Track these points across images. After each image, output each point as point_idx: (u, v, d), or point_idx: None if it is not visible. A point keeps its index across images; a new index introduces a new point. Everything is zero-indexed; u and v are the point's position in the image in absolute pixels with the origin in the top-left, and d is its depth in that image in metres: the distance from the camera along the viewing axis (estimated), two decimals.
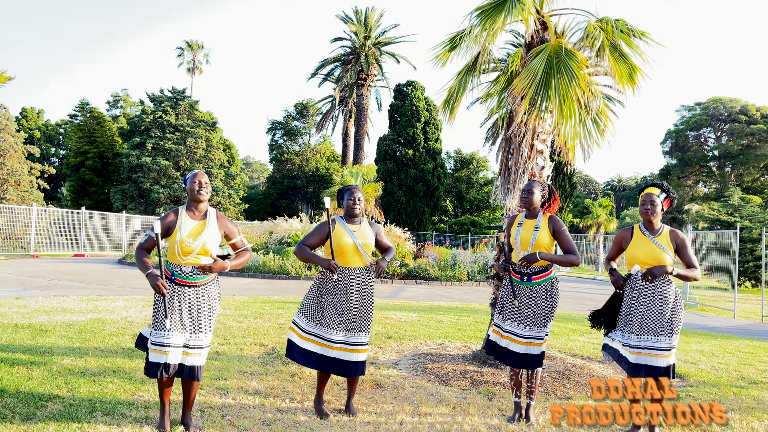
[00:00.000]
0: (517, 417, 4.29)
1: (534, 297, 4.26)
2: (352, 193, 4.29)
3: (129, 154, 33.25)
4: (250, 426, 3.89)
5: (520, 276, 4.29)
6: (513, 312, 4.32)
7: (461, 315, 9.97)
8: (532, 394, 4.35)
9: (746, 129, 43.88)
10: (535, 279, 4.26)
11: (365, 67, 40.07)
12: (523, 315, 4.29)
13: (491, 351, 4.46)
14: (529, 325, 4.27)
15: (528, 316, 4.27)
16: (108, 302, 9.26)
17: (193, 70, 56.68)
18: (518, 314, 4.30)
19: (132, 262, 19.42)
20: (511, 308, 4.33)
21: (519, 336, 4.28)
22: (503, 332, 4.37)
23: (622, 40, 5.40)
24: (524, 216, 4.44)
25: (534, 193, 4.37)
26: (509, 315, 4.34)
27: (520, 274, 4.30)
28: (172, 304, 3.63)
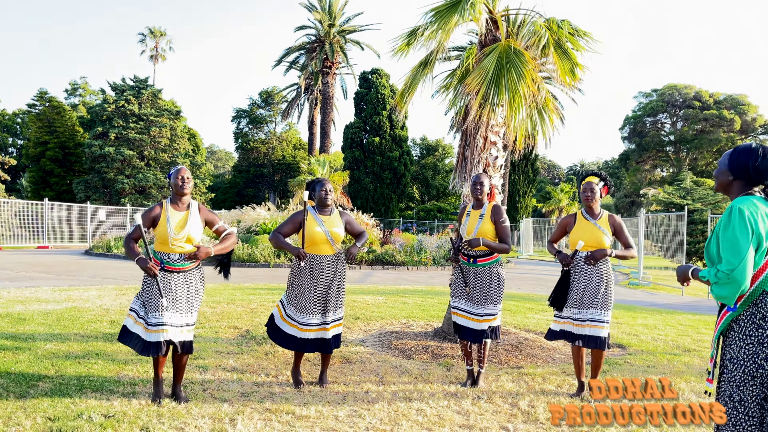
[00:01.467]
0: (469, 383, 4.80)
1: (481, 278, 4.77)
2: (324, 185, 4.68)
3: (91, 144, 32.77)
4: (230, 397, 4.27)
5: (468, 258, 4.77)
6: (464, 292, 4.80)
7: (425, 297, 10.46)
8: (482, 363, 4.87)
9: (700, 115, 45.48)
10: (480, 261, 4.75)
11: (330, 55, 40.13)
12: (475, 295, 4.77)
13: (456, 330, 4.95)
14: (482, 303, 4.76)
15: (480, 295, 4.77)
16: (81, 292, 9.45)
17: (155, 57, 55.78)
18: (470, 295, 4.78)
19: (99, 252, 19.41)
20: (461, 289, 4.82)
21: (474, 314, 4.78)
22: (461, 312, 4.85)
23: (567, 39, 5.88)
24: (472, 206, 4.91)
25: (485, 185, 4.83)
26: (461, 295, 4.83)
27: (468, 257, 4.78)
28: (167, 287, 3.98)
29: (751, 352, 2.39)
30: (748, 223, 2.38)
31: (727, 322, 2.51)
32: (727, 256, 2.38)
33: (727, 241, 2.40)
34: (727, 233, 2.41)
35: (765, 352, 2.37)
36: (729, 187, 2.60)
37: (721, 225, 2.46)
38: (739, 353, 2.43)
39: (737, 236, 2.38)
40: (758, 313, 2.43)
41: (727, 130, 45.07)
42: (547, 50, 5.88)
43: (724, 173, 2.60)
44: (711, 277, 2.43)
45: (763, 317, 2.41)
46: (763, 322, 2.41)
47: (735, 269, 2.35)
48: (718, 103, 46.08)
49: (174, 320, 3.99)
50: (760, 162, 2.50)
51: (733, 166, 2.56)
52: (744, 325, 2.45)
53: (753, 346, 2.40)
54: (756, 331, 2.41)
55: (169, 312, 3.97)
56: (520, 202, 40.76)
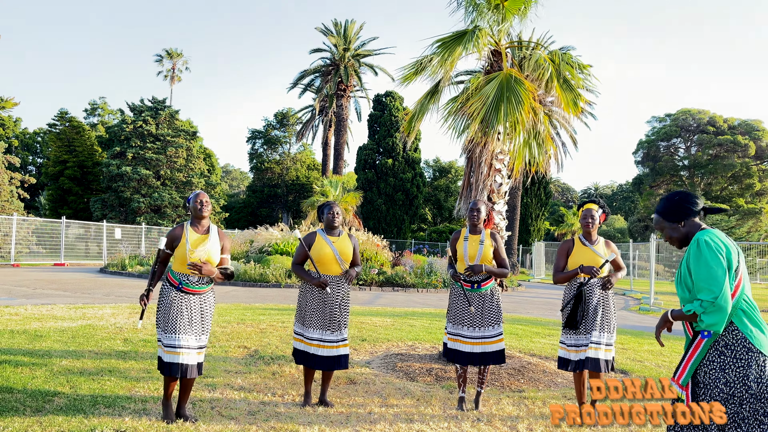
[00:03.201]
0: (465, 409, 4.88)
1: (483, 301, 4.89)
2: (332, 209, 4.89)
3: (109, 163, 33.41)
4: (237, 416, 4.42)
5: (471, 285, 4.90)
6: (467, 317, 4.91)
7: (433, 320, 10.56)
8: (482, 384, 4.98)
9: (714, 140, 45.34)
10: (483, 285, 4.89)
11: (345, 78, 40.73)
12: (477, 319, 4.89)
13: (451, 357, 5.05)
14: (482, 326, 4.88)
15: (482, 318, 4.89)
16: (95, 310, 9.67)
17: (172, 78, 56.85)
18: (473, 319, 4.90)
19: (114, 270, 19.72)
20: (464, 314, 4.92)
21: (471, 338, 4.89)
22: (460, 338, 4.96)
23: (568, 72, 6.07)
24: (468, 231, 5.05)
25: (482, 212, 4.99)
26: (462, 321, 4.93)
27: (470, 283, 4.91)
28: (181, 310, 4.15)
29: (714, 377, 2.56)
30: (716, 251, 2.57)
31: (707, 348, 2.63)
32: (708, 286, 2.54)
33: (704, 273, 2.56)
34: (700, 265, 2.58)
35: (725, 377, 2.53)
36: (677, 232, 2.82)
37: (691, 258, 2.63)
38: (705, 378, 2.60)
39: (711, 266, 2.55)
40: (722, 341, 2.59)
41: (742, 156, 44.86)
42: (550, 83, 6.06)
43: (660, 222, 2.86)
44: (697, 309, 2.57)
45: (725, 345, 2.58)
46: (725, 349, 2.57)
47: (719, 297, 2.50)
48: (733, 128, 45.95)
49: (191, 343, 4.15)
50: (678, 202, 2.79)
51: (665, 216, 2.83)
52: (709, 351, 2.62)
53: (716, 372, 2.56)
54: (718, 357, 2.57)
55: (187, 335, 4.13)
56: (532, 225, 40.74)
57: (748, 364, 2.52)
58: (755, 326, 2.59)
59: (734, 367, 2.53)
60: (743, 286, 2.62)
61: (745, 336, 2.56)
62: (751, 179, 45.17)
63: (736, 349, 2.55)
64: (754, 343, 2.54)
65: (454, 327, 4.99)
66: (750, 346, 2.54)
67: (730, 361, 2.54)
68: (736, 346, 2.56)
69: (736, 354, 2.54)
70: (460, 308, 4.98)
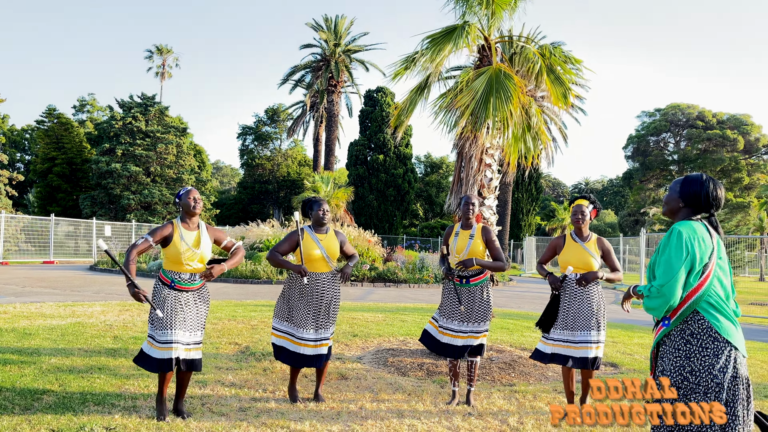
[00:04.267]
0: (456, 402, 4.90)
1: (473, 297, 4.88)
2: (320, 205, 4.84)
3: (98, 160, 33.17)
4: (227, 412, 4.40)
5: (461, 280, 4.90)
6: (456, 313, 4.91)
7: (425, 315, 10.57)
8: (472, 382, 4.99)
9: (703, 134, 45.66)
10: (473, 281, 4.88)
11: (335, 74, 40.62)
12: (466, 314, 4.89)
13: (429, 344, 5.05)
14: (470, 322, 4.88)
15: (471, 314, 4.89)
16: (85, 307, 9.61)
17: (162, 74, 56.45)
18: (461, 314, 4.90)
19: (104, 268, 19.59)
20: (453, 310, 4.92)
21: (459, 332, 4.89)
22: (444, 330, 4.95)
23: (558, 66, 6.07)
24: (460, 226, 5.05)
25: (475, 206, 4.98)
26: (451, 315, 4.93)
27: (460, 278, 4.90)
28: (174, 307, 4.12)
29: (678, 365, 2.60)
30: (684, 245, 2.61)
31: (661, 336, 2.72)
32: (660, 273, 2.62)
33: (663, 260, 2.63)
34: (664, 252, 2.65)
35: (690, 366, 2.57)
36: (677, 212, 2.82)
37: (660, 245, 2.68)
38: (669, 365, 2.64)
39: (672, 256, 2.61)
40: (687, 330, 2.64)
41: (731, 150, 45.19)
42: (540, 77, 6.07)
43: (675, 200, 2.80)
44: (645, 291, 2.68)
45: (691, 334, 2.62)
46: (691, 338, 2.61)
47: (665, 285, 2.58)
48: (722, 123, 46.27)
49: (183, 338, 4.13)
50: (711, 193, 2.73)
51: (684, 194, 2.77)
52: (675, 340, 2.66)
53: (680, 360, 2.61)
54: (684, 346, 2.62)
55: (179, 330, 4.11)
56: (523, 220, 40.87)
57: (715, 353, 2.55)
58: (724, 317, 2.62)
59: (700, 355, 2.56)
60: (711, 282, 2.63)
61: (711, 325, 2.59)
62: (739, 173, 45.53)
63: (702, 337, 2.59)
64: (721, 332, 2.57)
65: (446, 321, 4.98)
66: (716, 335, 2.58)
67: (696, 350, 2.58)
68: (701, 334, 2.59)
69: (702, 342, 2.58)
70: (451, 303, 4.98)
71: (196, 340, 4.23)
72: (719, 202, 2.77)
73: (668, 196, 2.85)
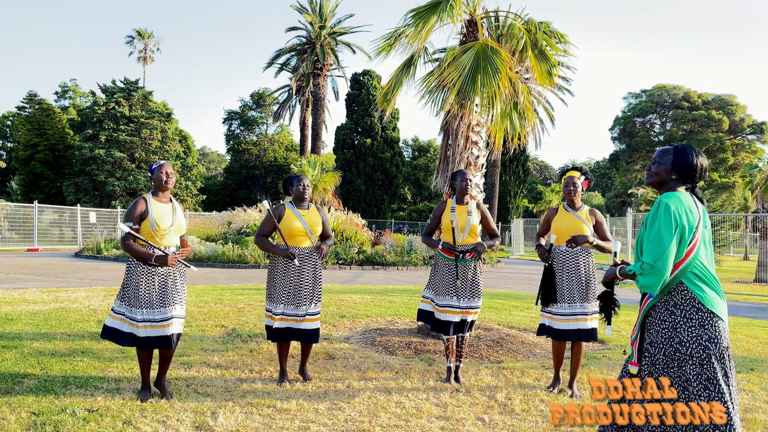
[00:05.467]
0: (452, 379, 4.89)
1: (467, 272, 4.86)
2: (301, 180, 4.78)
3: (82, 146, 32.69)
4: (213, 393, 4.35)
5: (457, 256, 4.86)
6: (453, 288, 4.87)
7: (413, 296, 10.56)
8: (461, 358, 4.97)
9: (688, 115, 45.88)
10: (469, 257, 4.85)
11: (321, 57, 40.20)
12: (461, 289, 4.86)
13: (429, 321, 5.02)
14: (466, 297, 4.85)
15: (467, 289, 4.85)
16: (69, 293, 9.49)
17: (144, 59, 55.68)
18: (458, 289, 4.86)
19: (89, 254, 19.39)
20: (451, 285, 4.88)
21: (458, 308, 4.86)
22: (442, 307, 4.92)
23: (544, 41, 6.00)
24: (455, 202, 4.99)
25: (470, 180, 4.93)
26: (448, 291, 4.89)
27: (457, 254, 4.86)
28: (148, 285, 4.05)
29: (666, 337, 2.58)
30: (673, 217, 2.56)
31: (648, 308, 2.69)
32: (651, 248, 2.56)
33: (654, 235, 2.57)
34: (653, 227, 2.59)
35: (678, 336, 2.55)
36: (666, 183, 2.76)
37: (648, 219, 2.63)
38: (656, 337, 2.62)
39: (662, 230, 2.56)
40: (671, 301, 2.61)
41: (716, 131, 45.48)
42: (525, 53, 5.99)
43: (668, 171, 2.74)
44: (636, 269, 2.61)
45: (675, 305, 2.60)
46: (675, 309, 2.59)
47: (658, 260, 2.53)
48: (707, 103, 46.50)
49: (160, 315, 4.07)
50: (701, 164, 2.71)
51: (678, 165, 2.72)
52: (660, 311, 2.64)
53: (668, 331, 2.58)
54: (669, 317, 2.60)
55: (156, 309, 4.05)
56: (511, 203, 40.95)
57: (701, 324, 2.53)
58: (708, 286, 2.60)
59: (685, 326, 2.55)
60: (697, 252, 2.61)
61: (695, 296, 2.57)
62: (724, 153, 45.89)
63: (686, 308, 2.57)
64: (704, 302, 2.56)
65: (443, 299, 4.91)
66: (699, 306, 2.56)
67: (681, 321, 2.56)
68: (685, 305, 2.57)
69: (686, 314, 2.56)
70: (447, 279, 4.92)
71: (179, 314, 4.16)
72: (705, 173, 2.76)
73: (658, 167, 2.77)
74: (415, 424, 3.85)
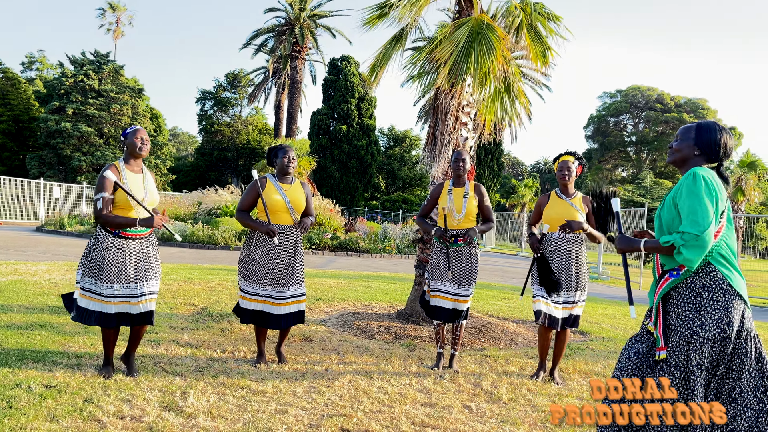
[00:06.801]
0: (441, 366, 4.68)
1: (462, 257, 4.64)
2: (286, 152, 4.47)
3: (47, 118, 31.52)
4: (183, 372, 4.07)
5: (450, 239, 4.64)
6: (447, 274, 4.65)
7: (389, 282, 10.36)
8: (456, 345, 4.77)
9: (661, 117, 46.58)
10: (461, 241, 4.63)
11: (300, 40, 39.52)
12: (457, 275, 4.64)
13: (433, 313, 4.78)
14: (459, 283, 4.64)
15: (463, 275, 4.65)
16: (29, 266, 9.02)
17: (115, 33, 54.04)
18: (455, 275, 4.65)
19: (52, 229, 18.68)
20: (444, 271, 4.67)
21: (455, 295, 4.65)
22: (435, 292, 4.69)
23: (539, 22, 5.80)
24: (451, 184, 4.76)
25: (467, 162, 4.70)
26: (444, 276, 4.67)
27: (451, 239, 4.64)
28: (117, 258, 3.74)
29: (687, 319, 2.44)
30: (711, 188, 2.43)
31: (668, 288, 2.54)
32: (695, 219, 2.39)
33: (695, 205, 2.40)
34: (692, 198, 2.42)
35: (701, 319, 2.42)
36: (688, 161, 2.63)
37: (683, 191, 2.48)
38: (677, 319, 2.48)
39: (703, 200, 2.40)
40: (698, 282, 2.47)
41: None
42: (520, 32, 5.79)
43: (690, 147, 2.62)
44: (677, 241, 2.42)
45: (702, 286, 2.46)
46: (702, 290, 2.45)
47: (705, 231, 2.37)
48: (679, 106, 47.27)
49: (129, 291, 3.78)
50: (726, 141, 2.58)
51: (701, 141, 2.60)
52: (683, 292, 2.50)
53: (690, 313, 2.45)
54: (695, 299, 2.46)
55: (124, 283, 3.76)
56: None
57: (725, 306, 2.41)
58: (734, 269, 2.49)
59: (710, 309, 2.42)
60: (725, 232, 2.51)
61: (723, 277, 2.45)
62: None
63: (714, 290, 2.44)
64: (733, 284, 2.44)
65: (435, 283, 4.71)
66: (728, 288, 2.44)
67: (707, 303, 2.43)
68: (713, 287, 2.44)
69: (713, 296, 2.43)
70: (441, 264, 4.70)
71: (152, 290, 3.87)
72: (730, 151, 2.61)
73: (680, 143, 2.66)
74: (399, 410, 3.63)
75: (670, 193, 2.57)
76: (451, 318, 4.66)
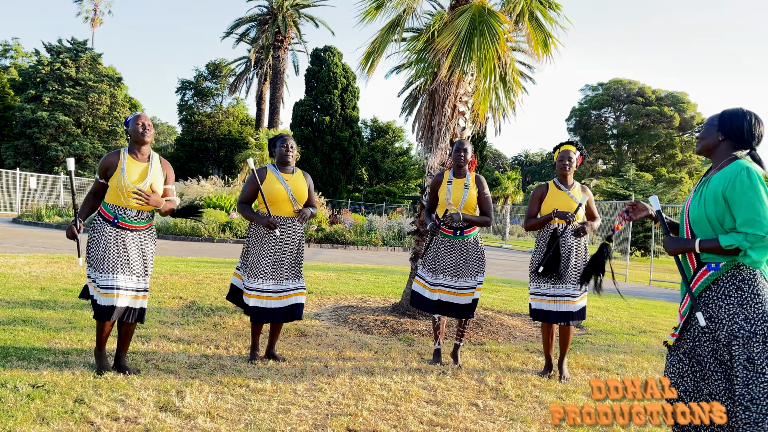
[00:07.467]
0: (442, 361, 4.55)
1: (466, 249, 4.51)
2: (285, 141, 4.30)
3: (23, 107, 30.72)
4: (177, 369, 3.89)
5: (453, 231, 4.50)
6: (449, 266, 4.51)
7: (378, 275, 10.23)
8: (462, 337, 4.65)
9: (642, 110, 46.90)
10: (467, 233, 4.50)
11: (282, 29, 39.02)
12: (462, 268, 4.51)
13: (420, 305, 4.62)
14: (467, 276, 4.51)
15: (468, 267, 4.51)
16: (7, 258, 8.71)
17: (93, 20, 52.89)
18: (456, 268, 4.51)
19: (29, 221, 18.23)
20: (445, 263, 4.52)
21: (459, 288, 4.51)
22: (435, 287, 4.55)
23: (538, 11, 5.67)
24: (452, 175, 4.62)
25: (468, 152, 4.56)
26: (443, 270, 4.53)
27: (453, 230, 4.50)
28: (117, 248, 3.56)
29: (731, 313, 2.38)
30: (762, 182, 2.36)
31: (710, 280, 2.46)
32: (757, 218, 2.30)
33: (755, 203, 2.32)
34: (752, 195, 2.33)
35: (744, 313, 2.36)
36: (716, 148, 2.56)
37: (735, 185, 2.36)
38: (719, 312, 2.42)
39: (762, 197, 2.32)
40: (739, 275, 2.41)
41: (667, 127, 46.69)
42: (521, 18, 5.66)
43: (714, 134, 2.56)
44: (743, 243, 2.32)
45: (743, 279, 2.40)
46: (743, 284, 2.39)
47: None
48: (660, 99, 47.64)
49: (129, 284, 3.60)
50: (753, 126, 2.50)
51: (724, 126, 2.53)
52: (724, 285, 2.43)
53: (733, 307, 2.39)
54: (736, 292, 2.40)
55: (124, 275, 3.57)
56: None
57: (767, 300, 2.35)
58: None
59: (752, 302, 2.35)
60: None
61: (761, 271, 2.39)
62: (673, 150, 47.20)
63: (754, 283, 2.37)
64: None
65: (435, 277, 4.56)
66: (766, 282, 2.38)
67: (749, 297, 2.36)
68: (754, 281, 2.38)
69: (755, 289, 2.36)
70: (441, 256, 4.56)
71: (144, 287, 3.69)
72: (761, 137, 2.52)
73: (705, 132, 2.59)
74: (405, 408, 3.50)
75: (711, 185, 2.46)
76: (462, 313, 4.54)
